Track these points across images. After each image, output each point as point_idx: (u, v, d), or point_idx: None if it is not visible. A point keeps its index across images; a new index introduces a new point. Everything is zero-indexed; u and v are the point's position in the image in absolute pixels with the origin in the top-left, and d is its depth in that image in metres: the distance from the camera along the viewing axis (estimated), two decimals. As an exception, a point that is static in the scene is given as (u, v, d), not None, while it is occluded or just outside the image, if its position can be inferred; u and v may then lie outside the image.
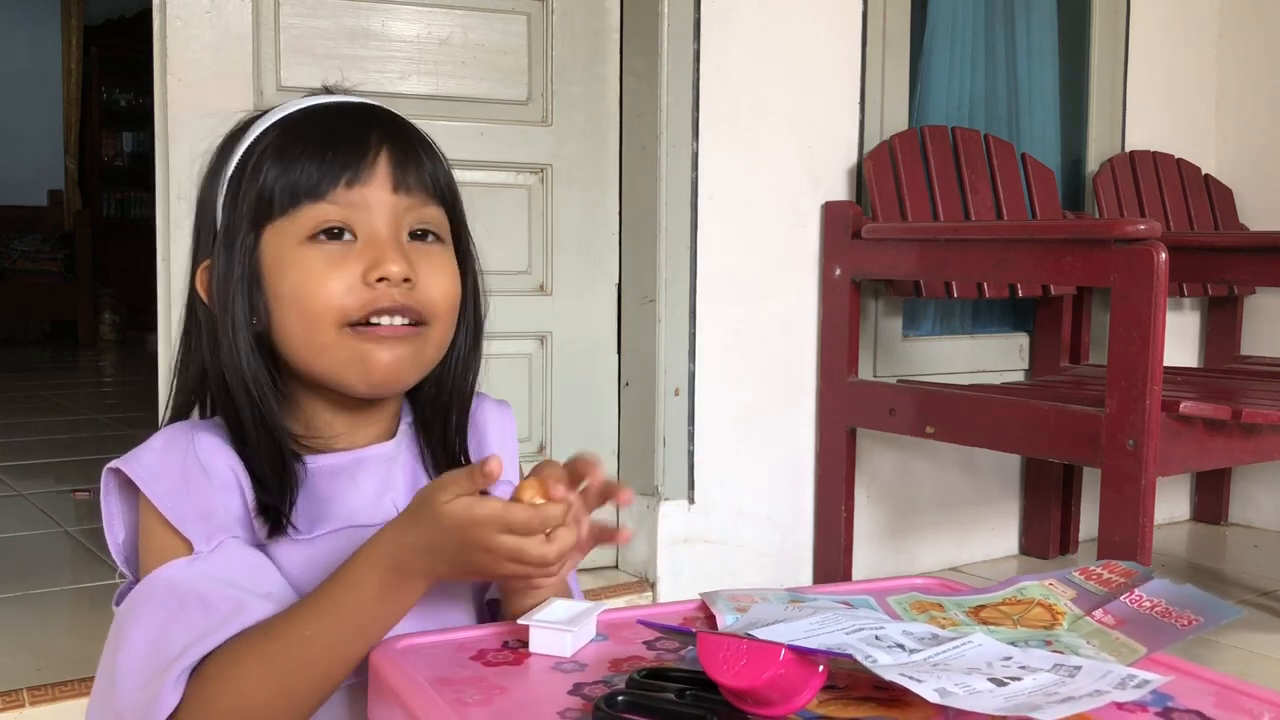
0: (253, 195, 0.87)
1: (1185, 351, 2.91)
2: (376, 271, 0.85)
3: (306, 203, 0.86)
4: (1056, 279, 2.21)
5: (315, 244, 0.86)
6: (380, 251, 0.86)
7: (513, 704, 0.70)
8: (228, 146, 0.92)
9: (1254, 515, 2.92)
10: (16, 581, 2.00)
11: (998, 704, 0.62)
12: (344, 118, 0.90)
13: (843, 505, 2.21)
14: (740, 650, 0.65)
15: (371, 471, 0.93)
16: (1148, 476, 1.69)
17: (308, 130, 0.88)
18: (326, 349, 0.86)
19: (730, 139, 2.11)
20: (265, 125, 0.90)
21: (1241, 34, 2.93)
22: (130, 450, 0.88)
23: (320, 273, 0.85)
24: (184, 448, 0.87)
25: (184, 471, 0.86)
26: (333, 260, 0.86)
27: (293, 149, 0.87)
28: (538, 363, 2.06)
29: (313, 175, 0.86)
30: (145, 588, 0.84)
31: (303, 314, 0.86)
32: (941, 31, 2.53)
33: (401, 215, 0.88)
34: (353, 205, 0.86)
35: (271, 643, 0.80)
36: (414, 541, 0.79)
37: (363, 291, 0.85)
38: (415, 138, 0.91)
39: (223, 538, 0.85)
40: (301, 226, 0.86)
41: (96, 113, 7.84)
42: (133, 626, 0.83)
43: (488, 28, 1.98)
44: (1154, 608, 0.80)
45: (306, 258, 0.86)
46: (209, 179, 0.93)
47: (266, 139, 0.88)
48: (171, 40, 1.73)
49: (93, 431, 3.77)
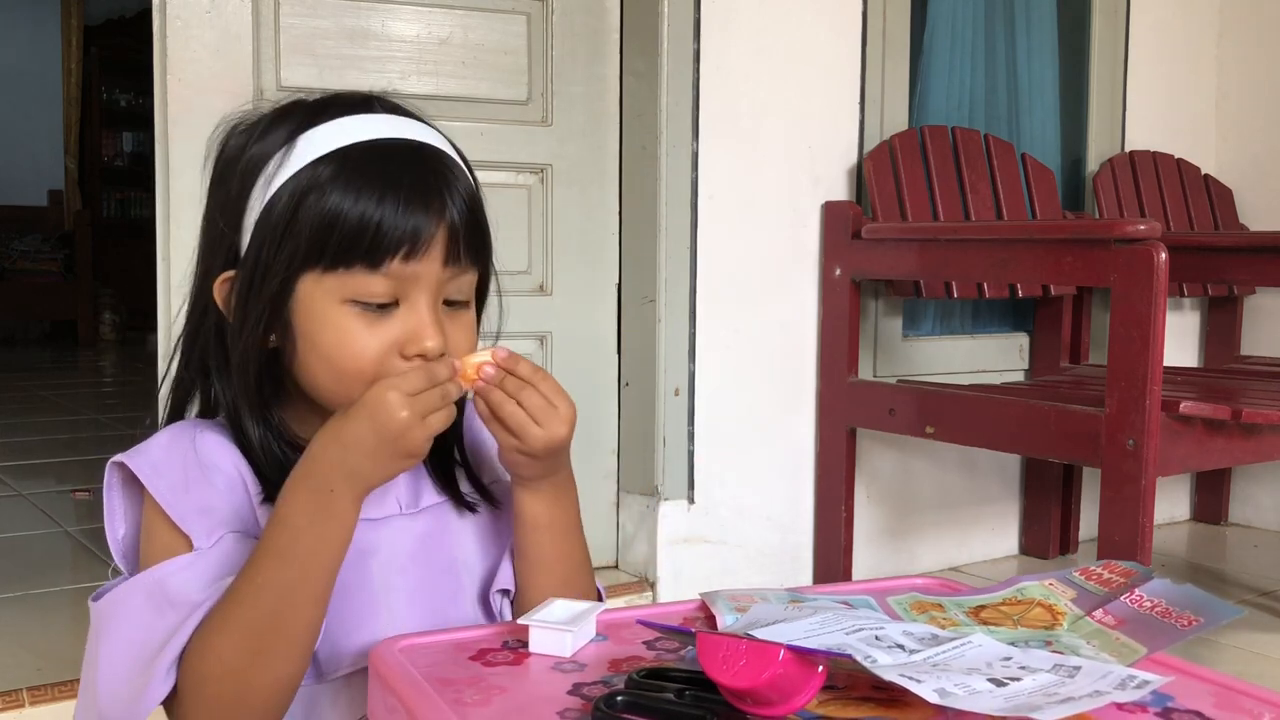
0: (302, 239, 0.84)
1: (1185, 351, 2.91)
2: (415, 348, 0.84)
3: (360, 267, 0.83)
4: (1056, 279, 2.21)
5: (356, 306, 0.84)
6: (420, 326, 0.85)
7: (512, 704, 0.70)
8: (262, 153, 0.87)
9: (1254, 515, 2.92)
10: (16, 581, 2.00)
11: (997, 704, 0.62)
12: (408, 169, 0.85)
13: (843, 505, 2.21)
14: (740, 650, 0.65)
15: None
16: (1148, 476, 1.69)
17: (371, 180, 0.84)
18: (350, 399, 0.85)
19: (730, 139, 2.11)
20: (317, 153, 0.85)
21: (1241, 34, 2.93)
22: (134, 445, 0.88)
23: (359, 338, 0.84)
24: (187, 446, 0.88)
25: (185, 469, 0.86)
26: (371, 326, 0.85)
27: (351, 203, 0.83)
28: (538, 363, 2.05)
29: (370, 243, 0.83)
30: (139, 582, 0.84)
31: (334, 370, 0.85)
32: (941, 31, 2.53)
33: (444, 285, 0.87)
34: (403, 278, 0.84)
35: (231, 603, 0.80)
36: (326, 442, 0.81)
37: (398, 364, 0.85)
38: (465, 190, 0.89)
39: (222, 533, 0.85)
40: (347, 288, 0.84)
41: (96, 113, 7.84)
42: (117, 622, 0.83)
43: (488, 28, 1.98)
44: (1154, 608, 0.80)
45: (346, 320, 0.84)
46: (236, 183, 0.88)
47: (321, 173, 0.84)
48: (171, 40, 1.73)
49: (93, 431, 3.77)
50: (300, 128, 0.87)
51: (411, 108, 0.93)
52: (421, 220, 0.84)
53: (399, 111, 0.91)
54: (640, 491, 2.08)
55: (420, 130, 0.90)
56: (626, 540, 2.12)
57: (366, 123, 0.87)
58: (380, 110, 0.89)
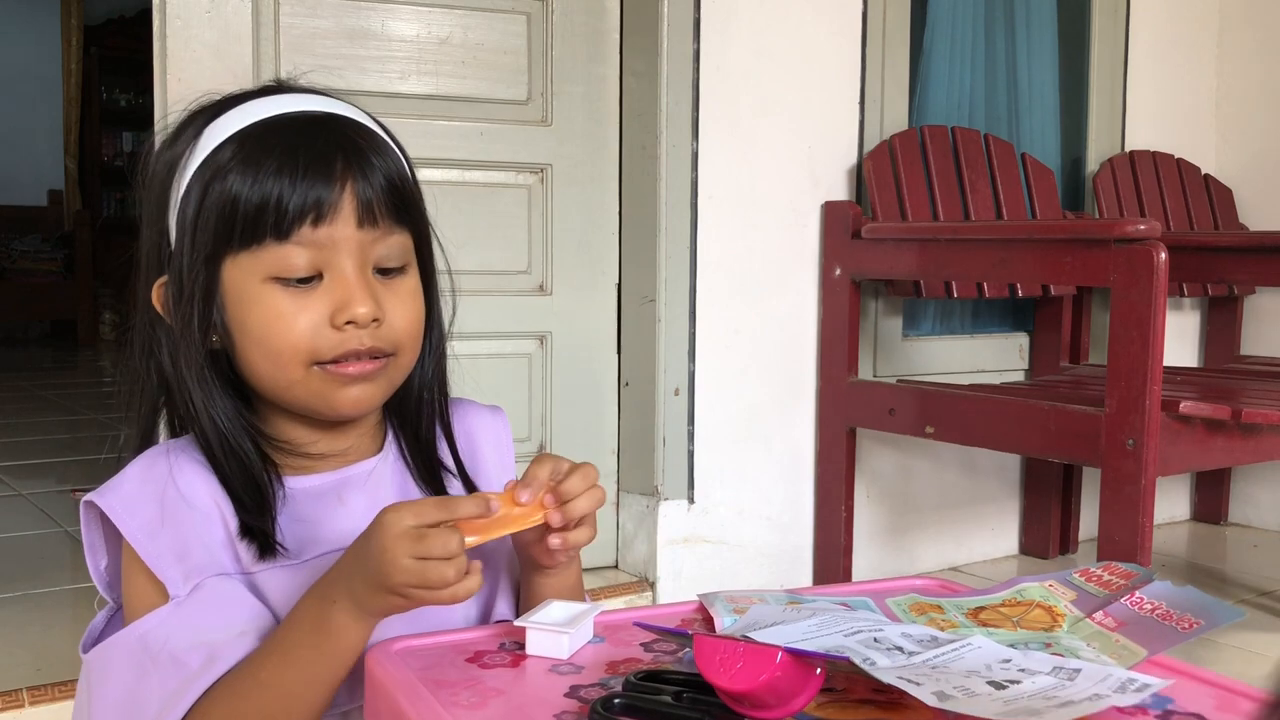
0: (211, 223, 0.83)
1: (1185, 351, 2.91)
2: (344, 315, 0.83)
3: (270, 241, 0.82)
4: (1056, 279, 2.20)
5: (280, 283, 0.83)
6: (348, 293, 0.83)
7: (509, 706, 0.69)
8: (176, 153, 0.87)
9: (1254, 515, 2.92)
10: (16, 581, 2.00)
11: (997, 708, 0.62)
12: (306, 138, 0.84)
13: (843, 505, 2.21)
14: (737, 653, 0.65)
15: (358, 490, 0.91)
16: (1147, 476, 1.69)
17: (268, 154, 0.82)
18: (294, 385, 0.84)
19: (730, 139, 2.11)
20: (220, 138, 0.84)
21: (1241, 34, 2.93)
22: (107, 480, 0.86)
23: (287, 315, 0.83)
24: (163, 476, 0.85)
25: (162, 503, 0.84)
26: (298, 301, 0.83)
27: (252, 176, 0.82)
28: (537, 363, 2.06)
29: (275, 213, 0.82)
30: (119, 642, 0.82)
31: (269, 353, 0.83)
32: (941, 31, 2.52)
33: (367, 249, 0.85)
34: (318, 245, 0.83)
35: (235, 695, 0.78)
36: (342, 564, 0.78)
37: (330, 335, 0.83)
38: (377, 155, 0.86)
39: (198, 579, 0.82)
40: (264, 265, 0.83)
41: (96, 113, 7.83)
42: (105, 684, 0.82)
43: (488, 28, 1.98)
44: (1154, 610, 0.80)
45: (271, 298, 0.83)
46: (158, 186, 0.88)
47: (222, 157, 0.83)
48: (171, 40, 1.73)
49: (93, 431, 3.77)
50: (206, 121, 0.87)
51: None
52: (323, 183, 0.82)
53: (308, 92, 0.89)
54: (640, 491, 2.08)
55: (328, 104, 0.89)
56: (626, 540, 2.12)
57: (269, 103, 0.87)
58: (287, 93, 0.89)
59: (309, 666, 0.78)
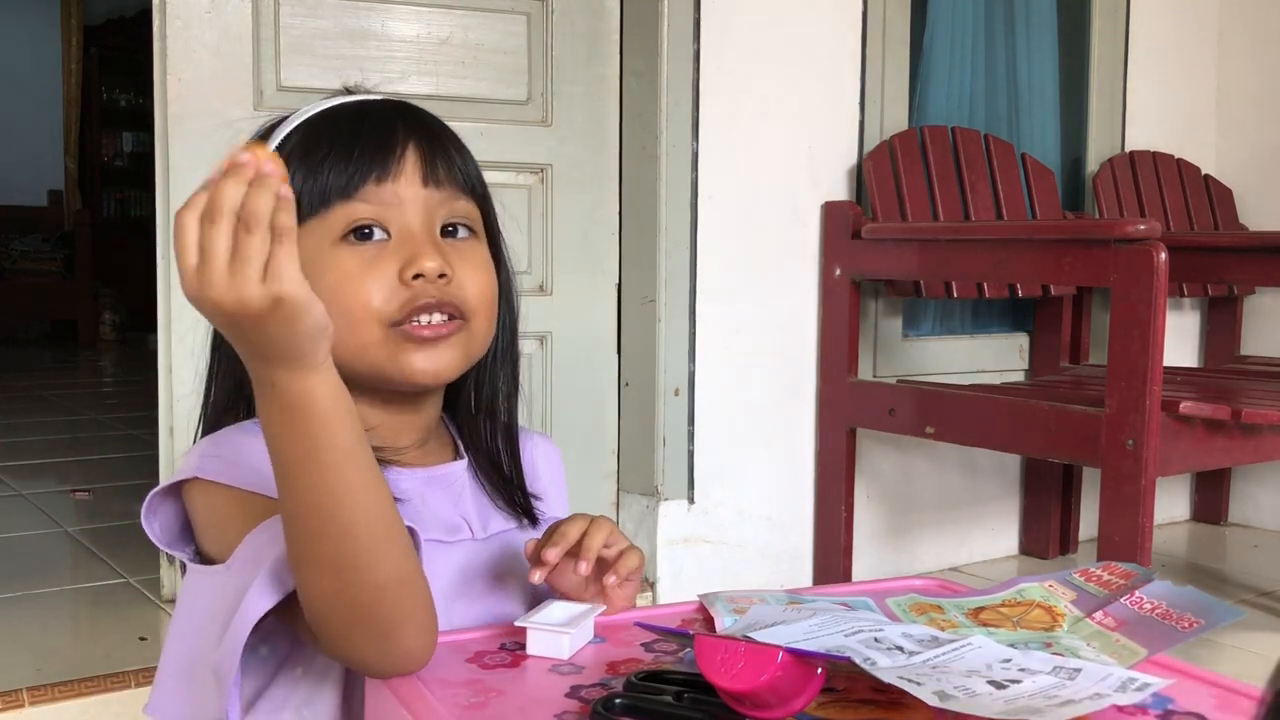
0: None
1: (1185, 351, 2.91)
2: (412, 268, 0.84)
3: (337, 202, 0.85)
4: (1056, 279, 2.21)
5: (348, 244, 0.85)
6: (415, 248, 0.85)
7: (509, 706, 0.69)
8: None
9: (1254, 515, 2.92)
10: (16, 581, 1.99)
11: (997, 707, 0.62)
12: (368, 115, 0.88)
13: (843, 505, 2.21)
14: (738, 653, 0.65)
15: (443, 490, 0.92)
16: (1147, 476, 1.69)
17: (333, 130, 0.87)
18: (368, 348, 0.85)
19: (730, 139, 2.11)
20: (289, 128, 0.88)
21: (1241, 34, 2.93)
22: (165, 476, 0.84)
23: (357, 274, 0.84)
24: (236, 436, 0.85)
25: (249, 450, 0.81)
26: (368, 261, 0.85)
27: (319, 149, 0.86)
28: (538, 363, 2.06)
29: (341, 174, 0.85)
30: (215, 573, 0.81)
31: (342, 316, 0.82)
32: (941, 31, 2.52)
33: (434, 210, 0.87)
34: (384, 202, 0.85)
35: (293, 554, 0.72)
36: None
37: (400, 291, 0.84)
38: (443, 132, 0.91)
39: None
40: (333, 227, 0.85)
41: (96, 113, 7.84)
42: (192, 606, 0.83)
43: (488, 28, 1.98)
44: (1154, 610, 0.80)
45: (342, 259, 0.85)
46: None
47: (291, 141, 0.87)
48: (171, 40, 1.73)
49: (93, 431, 3.77)
50: (277, 121, 0.90)
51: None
52: (386, 141, 0.86)
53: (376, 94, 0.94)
54: (640, 492, 2.08)
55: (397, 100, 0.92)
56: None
57: (335, 99, 0.91)
58: (357, 94, 0.92)
59: (305, 461, 0.69)
